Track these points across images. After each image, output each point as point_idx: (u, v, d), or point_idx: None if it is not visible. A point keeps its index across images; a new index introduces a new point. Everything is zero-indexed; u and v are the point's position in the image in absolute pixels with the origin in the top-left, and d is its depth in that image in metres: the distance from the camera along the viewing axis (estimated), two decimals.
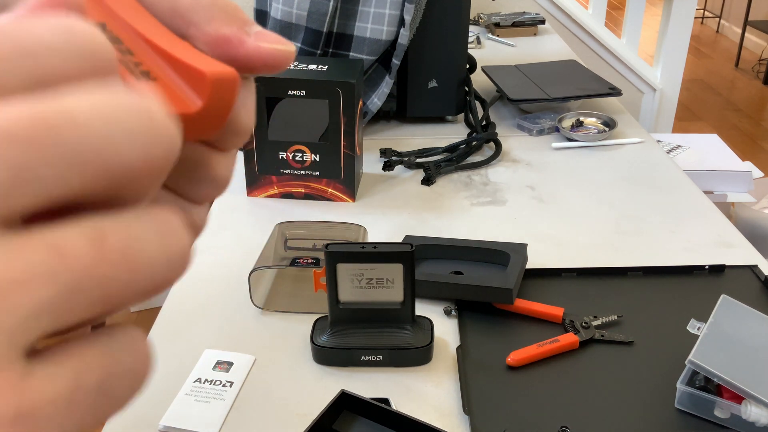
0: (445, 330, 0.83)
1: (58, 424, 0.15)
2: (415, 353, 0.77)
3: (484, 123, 1.35)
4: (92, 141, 0.15)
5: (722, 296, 0.78)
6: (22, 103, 0.14)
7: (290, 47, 0.22)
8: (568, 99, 1.40)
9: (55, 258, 0.14)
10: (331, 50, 1.25)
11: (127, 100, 0.16)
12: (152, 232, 0.16)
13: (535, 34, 2.08)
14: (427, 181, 1.18)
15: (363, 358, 0.77)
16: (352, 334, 0.78)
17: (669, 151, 1.93)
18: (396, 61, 1.26)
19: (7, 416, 0.14)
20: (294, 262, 0.85)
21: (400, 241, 1.00)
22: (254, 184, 1.12)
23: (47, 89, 0.15)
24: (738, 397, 0.67)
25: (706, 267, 0.93)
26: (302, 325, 0.84)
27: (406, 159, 1.24)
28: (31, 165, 0.14)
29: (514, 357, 0.76)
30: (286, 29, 1.23)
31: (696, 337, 0.73)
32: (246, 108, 0.21)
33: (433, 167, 1.20)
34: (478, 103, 1.44)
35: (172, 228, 0.17)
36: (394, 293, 0.76)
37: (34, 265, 0.14)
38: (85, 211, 0.15)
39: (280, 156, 1.09)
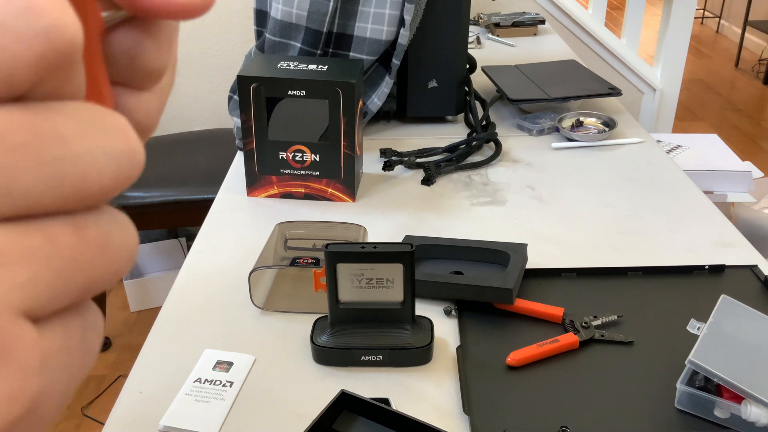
0: (445, 330, 0.83)
1: (67, 367, 0.17)
2: (415, 353, 0.77)
3: (484, 123, 1.35)
4: (76, 160, 0.16)
5: (722, 296, 0.78)
6: (11, 109, 0.15)
7: None
8: (568, 99, 1.40)
9: (48, 245, 0.16)
10: (331, 50, 1.25)
11: (107, 121, 0.17)
12: (115, 225, 0.18)
13: (535, 34, 2.08)
14: (427, 181, 1.18)
15: (363, 358, 0.77)
16: (352, 334, 0.78)
17: (669, 151, 1.93)
18: (396, 61, 1.26)
19: (34, 366, 0.16)
20: (294, 262, 0.85)
21: (400, 241, 1.00)
22: (254, 184, 1.12)
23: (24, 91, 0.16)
24: (738, 397, 0.67)
25: (706, 267, 0.93)
26: (302, 325, 0.84)
27: (406, 159, 1.24)
28: (16, 172, 0.15)
29: (514, 357, 0.76)
30: (286, 29, 1.23)
31: (696, 337, 0.73)
32: (157, 48, 0.20)
33: (433, 167, 1.20)
34: (478, 103, 1.44)
35: (125, 220, 0.19)
36: (394, 293, 0.76)
37: (32, 250, 0.16)
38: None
39: (280, 156, 1.09)
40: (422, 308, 0.86)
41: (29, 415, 0.16)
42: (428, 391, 0.74)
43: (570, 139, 1.33)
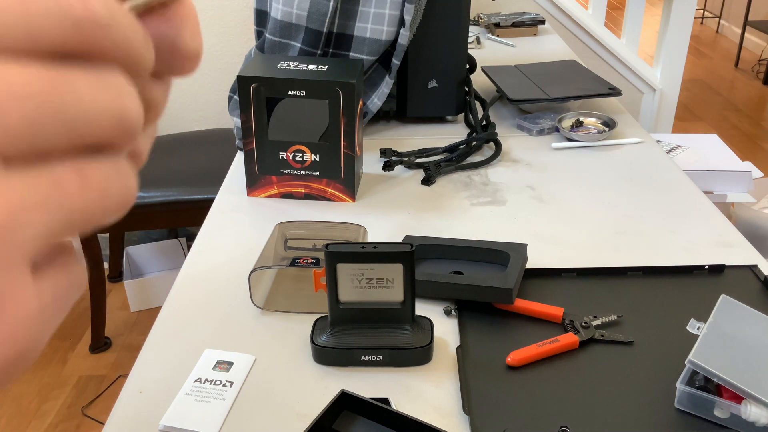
0: (445, 330, 0.83)
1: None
2: (415, 353, 0.77)
3: (484, 123, 1.35)
4: (84, 115, 0.18)
5: (722, 296, 0.78)
6: (35, 66, 0.17)
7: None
8: (568, 99, 1.40)
9: (58, 192, 0.18)
10: (331, 50, 1.25)
11: (120, 88, 0.20)
12: (116, 172, 0.20)
13: (535, 34, 2.08)
14: (427, 181, 1.18)
15: (363, 358, 0.77)
16: (352, 334, 0.78)
17: (669, 151, 1.93)
18: (396, 61, 1.26)
19: (35, 312, 0.18)
20: (294, 262, 0.85)
21: (400, 241, 1.00)
22: (254, 184, 1.12)
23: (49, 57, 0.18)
24: (738, 397, 0.67)
25: (706, 267, 0.93)
26: (302, 325, 0.84)
27: (406, 159, 1.24)
28: (37, 117, 0.17)
29: (514, 357, 0.76)
30: (286, 29, 1.23)
31: (696, 337, 0.73)
32: (194, 30, 0.23)
33: (433, 167, 1.20)
34: (478, 103, 1.44)
35: (127, 170, 0.21)
36: (394, 293, 0.76)
37: (45, 199, 0.18)
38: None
39: (280, 156, 1.09)
40: (422, 308, 0.86)
41: (24, 356, 0.18)
42: (428, 391, 0.74)
43: (570, 139, 1.33)
